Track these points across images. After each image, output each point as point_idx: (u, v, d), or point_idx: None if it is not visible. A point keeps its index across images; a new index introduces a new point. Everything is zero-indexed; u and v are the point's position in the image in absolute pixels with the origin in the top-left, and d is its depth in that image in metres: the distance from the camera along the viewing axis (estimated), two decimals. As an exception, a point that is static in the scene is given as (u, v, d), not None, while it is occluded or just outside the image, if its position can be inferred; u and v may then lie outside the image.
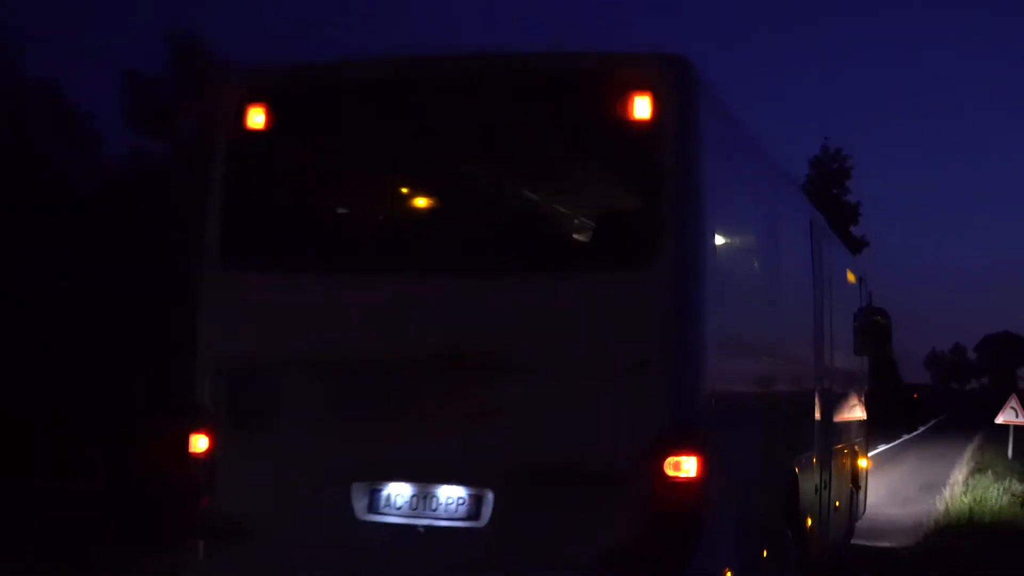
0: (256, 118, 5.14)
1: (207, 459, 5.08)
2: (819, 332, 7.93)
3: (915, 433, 40.83)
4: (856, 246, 39.45)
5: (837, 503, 8.90)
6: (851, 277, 9.83)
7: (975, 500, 14.74)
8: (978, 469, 21.07)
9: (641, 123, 4.56)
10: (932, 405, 71.58)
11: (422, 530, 4.74)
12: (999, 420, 24.69)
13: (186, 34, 16.46)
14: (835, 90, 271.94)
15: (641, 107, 4.52)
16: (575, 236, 5.77)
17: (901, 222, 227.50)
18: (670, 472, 4.37)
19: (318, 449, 4.89)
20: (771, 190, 7.07)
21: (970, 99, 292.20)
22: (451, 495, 4.77)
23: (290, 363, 4.94)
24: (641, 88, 4.53)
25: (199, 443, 5.11)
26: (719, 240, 4.96)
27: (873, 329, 10.11)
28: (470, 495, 4.72)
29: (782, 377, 6.80)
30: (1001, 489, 15.86)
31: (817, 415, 7.89)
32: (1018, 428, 24.63)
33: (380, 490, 4.88)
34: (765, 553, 5.90)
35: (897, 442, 32.42)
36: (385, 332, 4.79)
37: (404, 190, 5.78)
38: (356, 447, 4.87)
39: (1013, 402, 23.92)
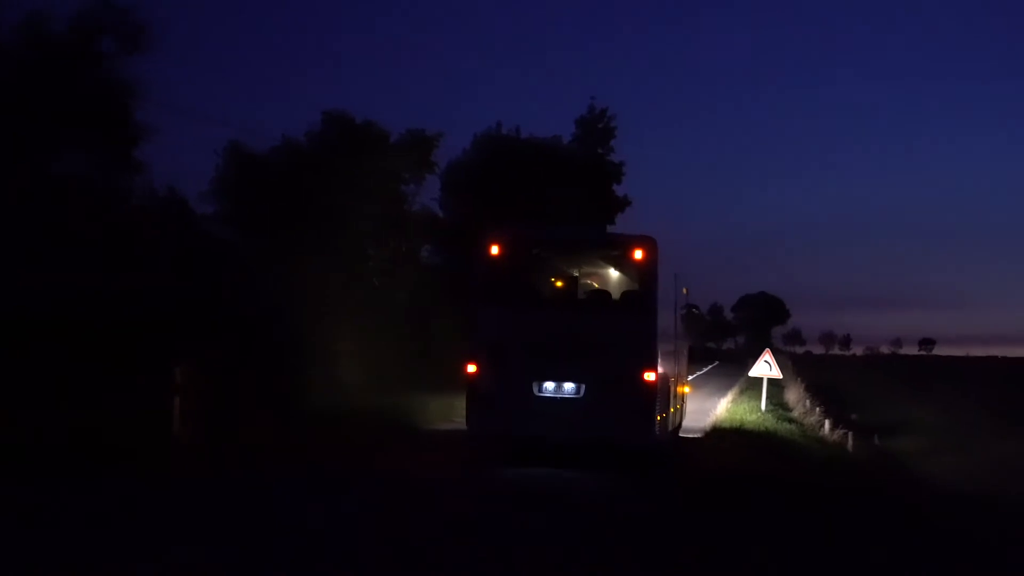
0: (493, 249, 15.13)
1: (475, 374, 14.56)
2: (676, 327, 18.48)
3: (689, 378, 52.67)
4: (619, 205, 41.92)
5: (678, 406, 19.24)
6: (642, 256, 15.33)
7: (735, 414, 26.05)
8: (743, 391, 33.25)
9: (639, 261, 14.93)
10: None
11: (557, 397, 14.57)
12: (752, 373, 29.18)
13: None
14: (602, 50, 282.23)
15: (639, 255, 14.86)
16: (618, 300, 16.01)
17: (663, 183, 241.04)
18: (646, 377, 14.26)
19: (520, 370, 14.46)
20: (676, 282, 17.96)
21: (729, 65, 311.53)
22: (569, 385, 14.47)
23: (508, 340, 14.66)
24: (640, 247, 14.80)
25: (471, 368, 14.63)
26: (668, 314, 16.34)
27: (690, 318, 22.48)
28: (577, 386, 14.45)
29: (668, 349, 16.62)
30: (752, 407, 27.23)
31: (677, 364, 18.72)
32: (770, 380, 29.49)
33: (544, 384, 14.50)
34: (670, 412, 16.75)
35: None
36: (550, 329, 14.74)
37: (559, 283, 16.96)
38: (535, 369, 14.51)
39: (767, 356, 28.00)
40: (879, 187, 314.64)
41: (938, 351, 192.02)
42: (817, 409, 31.10)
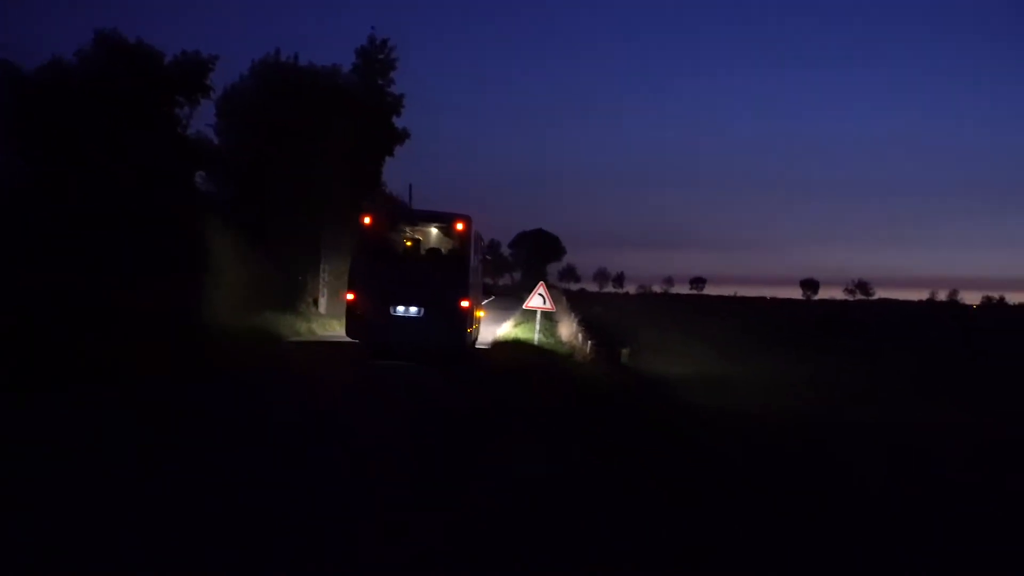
0: (366, 220, 22.48)
1: (353, 300, 21.87)
2: (478, 271, 24.05)
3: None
4: (398, 138, 42.17)
5: (477, 325, 26.59)
6: (462, 228, 22.92)
7: (511, 335, 28.61)
8: (518, 324, 35.80)
9: (461, 232, 22.63)
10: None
11: (406, 316, 21.99)
12: (527, 305, 30.70)
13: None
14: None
15: (459, 227, 22.57)
16: (445, 255, 23.36)
17: (444, 117, 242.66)
18: (462, 304, 21.92)
19: (383, 296, 21.66)
20: (480, 241, 23.97)
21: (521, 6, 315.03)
22: (414, 308, 21.96)
23: (375, 279, 21.82)
24: (460, 221, 22.53)
25: (350, 297, 22.10)
26: (473, 262, 21.90)
27: (484, 263, 29.02)
28: (418, 308, 21.94)
29: (474, 285, 23.76)
30: (527, 331, 29.57)
31: (477, 296, 24.63)
32: (544, 313, 31.58)
33: (398, 306, 21.90)
34: (474, 327, 25.26)
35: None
36: (402, 273, 22.38)
37: (408, 243, 24.19)
38: (392, 298, 21.76)
39: (541, 289, 29.59)
40: (658, 135, 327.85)
41: (708, 291, 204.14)
42: (581, 335, 33.22)
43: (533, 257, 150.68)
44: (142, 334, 17.49)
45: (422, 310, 21.39)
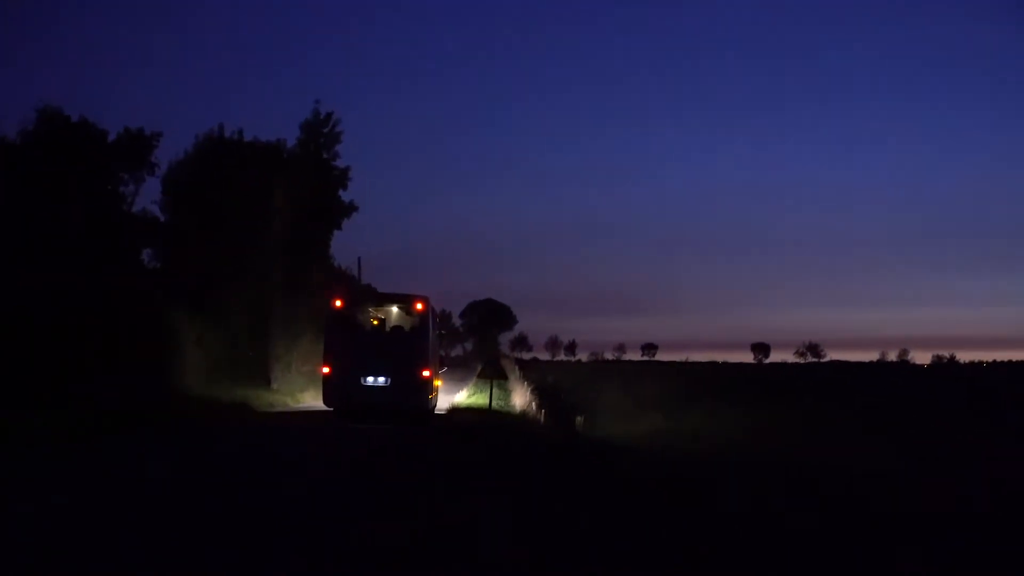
0: (337, 303, 24.96)
1: (328, 372, 24.07)
2: (434, 344, 26.52)
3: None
4: (345, 211, 42.38)
5: (436, 392, 27.00)
6: (421, 307, 25.29)
7: (467, 401, 28.80)
8: (472, 393, 35.98)
9: (420, 311, 25.02)
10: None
11: (375, 385, 24.12)
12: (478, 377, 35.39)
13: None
14: (327, 54, 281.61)
15: (419, 306, 25.03)
16: (408, 331, 25.48)
17: (390, 187, 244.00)
18: (423, 374, 24.40)
19: (355, 368, 23.82)
20: (436, 317, 25.41)
21: (441, 71, 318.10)
22: (382, 378, 24.04)
23: (346, 352, 24.02)
24: (419, 301, 25.01)
25: (325, 369, 24.24)
26: (431, 337, 25.58)
27: (440, 337, 30.18)
28: (385, 378, 24.05)
29: (432, 357, 25.99)
30: (482, 398, 30.07)
31: (436, 367, 25.93)
32: (497, 382, 35.00)
33: (367, 377, 23.96)
34: (434, 393, 26.43)
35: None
36: (370, 347, 24.57)
37: (375, 321, 26.26)
38: (362, 369, 23.90)
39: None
40: (597, 195, 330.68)
41: (660, 356, 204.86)
42: (534, 403, 33.49)
43: (484, 327, 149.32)
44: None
45: (389, 379, 23.83)
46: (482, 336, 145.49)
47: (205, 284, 32.06)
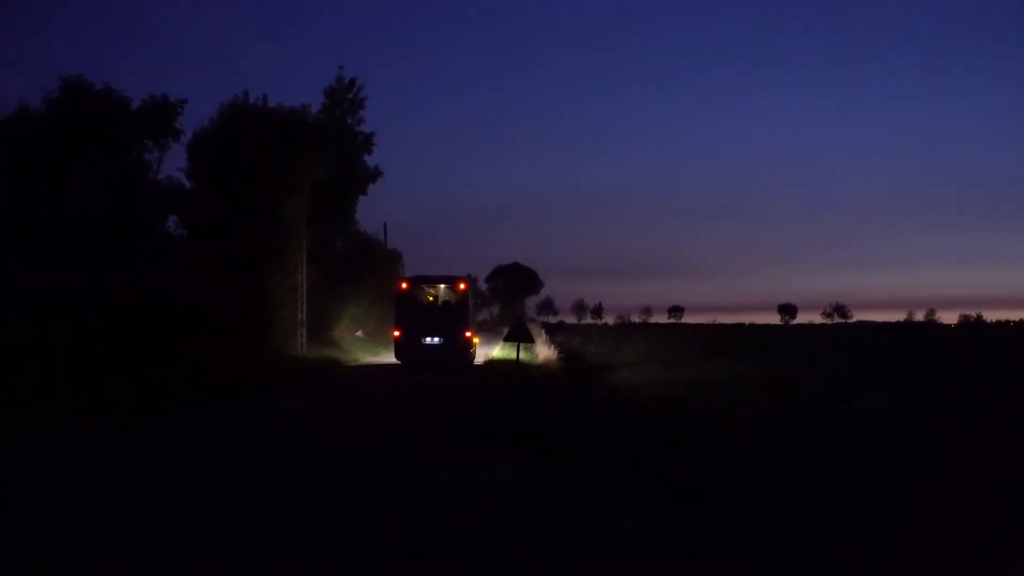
0: (403, 285, 32.79)
1: (398, 336, 31.86)
2: (474, 313, 30.72)
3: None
4: (370, 176, 43.97)
5: (475, 348, 34.14)
6: (463, 287, 32.72)
7: (499, 355, 32.85)
8: (503, 349, 38.98)
9: (463, 290, 32.49)
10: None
11: (432, 343, 31.80)
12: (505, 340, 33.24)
13: None
14: (352, 19, 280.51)
15: (461, 286, 32.62)
16: (454, 304, 32.40)
17: (414, 153, 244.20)
18: (467, 335, 31.95)
19: (416, 331, 31.57)
20: (473, 293, 29.35)
21: (462, 37, 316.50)
22: (436, 339, 31.63)
23: (409, 320, 31.68)
24: (461, 282, 32.75)
25: (396, 333, 32.06)
26: (471, 307, 33.10)
27: (476, 306, 37.30)
28: (439, 338, 31.61)
29: (472, 322, 34.11)
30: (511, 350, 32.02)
31: (475, 329, 30.02)
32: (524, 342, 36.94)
33: (425, 338, 31.58)
34: (473, 350, 33.75)
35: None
36: (427, 316, 31.79)
37: (430, 298, 32.52)
38: (422, 332, 31.56)
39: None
40: (631, 163, 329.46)
41: (687, 319, 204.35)
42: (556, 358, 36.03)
43: (510, 291, 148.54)
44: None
45: (441, 340, 31.20)
46: (508, 300, 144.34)
47: (232, 253, 32.31)
